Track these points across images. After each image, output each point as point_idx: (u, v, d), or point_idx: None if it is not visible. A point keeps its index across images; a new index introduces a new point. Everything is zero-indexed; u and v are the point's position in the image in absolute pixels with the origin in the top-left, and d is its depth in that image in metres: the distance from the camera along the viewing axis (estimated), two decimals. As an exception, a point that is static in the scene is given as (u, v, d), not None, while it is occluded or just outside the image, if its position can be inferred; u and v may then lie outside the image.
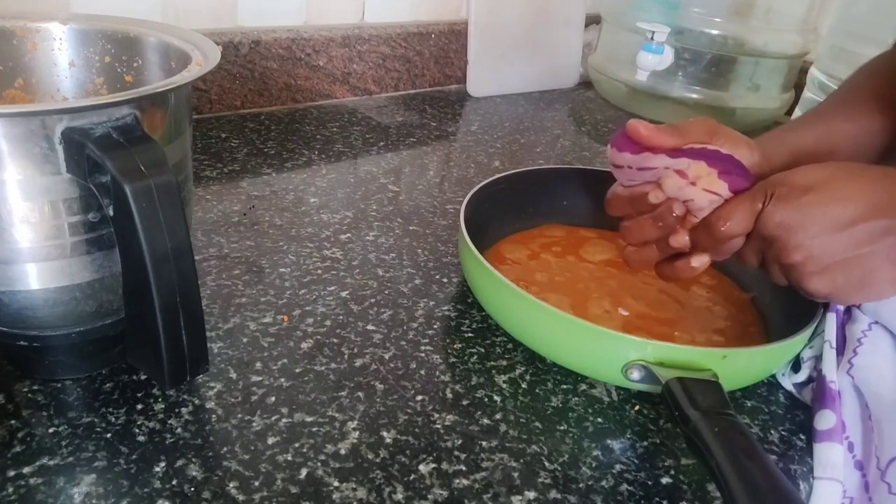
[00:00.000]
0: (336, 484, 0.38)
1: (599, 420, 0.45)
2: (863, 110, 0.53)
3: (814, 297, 0.42)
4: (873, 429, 0.43)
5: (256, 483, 0.37)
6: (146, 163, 0.32)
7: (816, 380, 0.46)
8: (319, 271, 0.56)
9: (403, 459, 0.40)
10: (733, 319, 0.55)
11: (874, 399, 0.43)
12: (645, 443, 0.43)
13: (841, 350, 0.45)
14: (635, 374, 0.44)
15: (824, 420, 0.43)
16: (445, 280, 0.57)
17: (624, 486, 0.40)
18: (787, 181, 0.40)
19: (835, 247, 0.39)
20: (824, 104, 0.56)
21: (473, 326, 0.52)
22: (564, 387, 0.47)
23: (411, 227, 0.65)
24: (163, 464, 0.37)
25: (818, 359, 0.47)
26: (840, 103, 0.55)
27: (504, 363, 0.48)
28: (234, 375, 0.44)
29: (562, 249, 0.61)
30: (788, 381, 0.49)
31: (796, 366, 0.49)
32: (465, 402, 0.44)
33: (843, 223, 0.38)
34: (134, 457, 0.38)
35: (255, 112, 0.89)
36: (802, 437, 0.46)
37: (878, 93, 0.54)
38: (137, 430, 0.39)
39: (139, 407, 0.41)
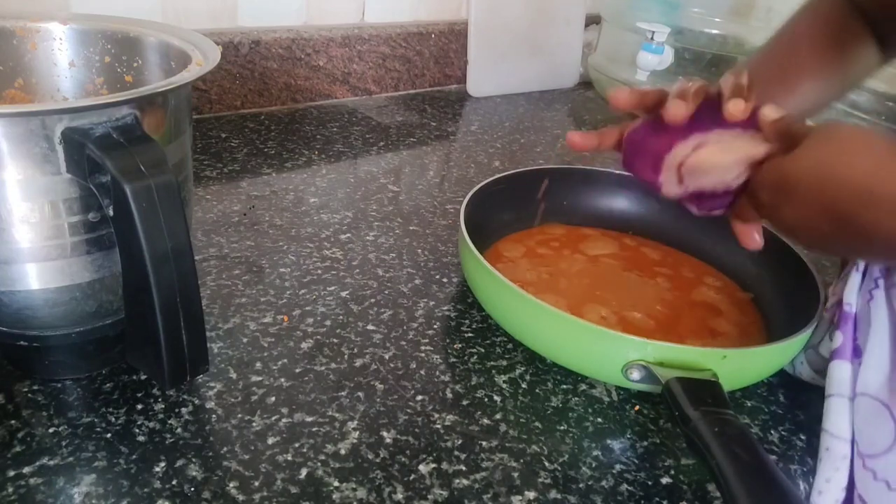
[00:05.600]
0: (336, 484, 0.38)
1: (599, 420, 0.45)
2: (803, 80, 0.54)
3: None
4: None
5: (256, 483, 0.37)
6: (146, 163, 0.32)
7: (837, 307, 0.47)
8: (319, 271, 0.56)
9: (403, 459, 0.40)
10: (734, 319, 0.55)
11: (874, 336, 0.43)
12: (645, 443, 0.43)
13: (864, 271, 0.45)
14: (635, 374, 0.44)
15: (836, 340, 0.44)
16: (445, 280, 0.57)
17: (624, 486, 0.40)
18: (762, 194, 0.40)
19: (830, 246, 0.39)
20: (769, 63, 0.56)
21: (473, 326, 0.52)
22: (564, 387, 0.47)
23: (411, 227, 0.65)
24: (163, 464, 0.37)
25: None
26: (781, 67, 0.55)
27: (504, 363, 0.48)
28: (234, 375, 0.44)
29: (560, 245, 0.61)
30: (805, 369, 0.49)
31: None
32: (465, 402, 0.44)
33: (823, 242, 0.38)
34: (134, 457, 0.38)
35: (255, 112, 0.89)
36: (802, 437, 0.46)
37: (817, 55, 0.55)
38: (137, 430, 0.39)
39: (139, 407, 0.41)
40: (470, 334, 0.51)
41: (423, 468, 0.39)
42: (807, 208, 0.37)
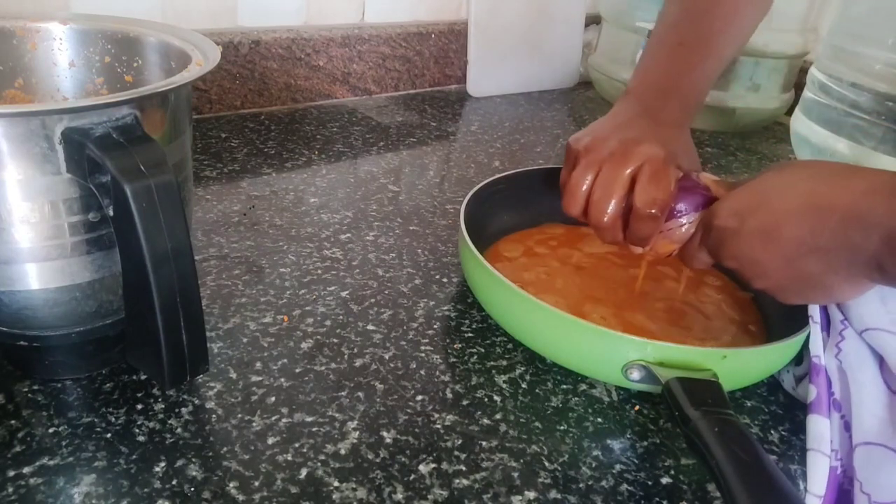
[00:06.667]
0: (336, 484, 0.38)
1: (599, 420, 0.45)
2: (720, 38, 0.55)
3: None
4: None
5: (256, 483, 0.37)
6: (146, 163, 0.32)
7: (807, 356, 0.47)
8: (319, 271, 0.56)
9: (403, 459, 0.40)
10: (734, 319, 0.55)
11: (856, 385, 0.43)
12: (645, 443, 0.43)
13: (825, 326, 0.45)
14: (635, 374, 0.44)
15: (811, 392, 0.44)
16: (445, 280, 0.57)
17: (624, 486, 0.40)
18: (718, 220, 0.42)
19: (788, 274, 0.40)
20: (684, 26, 0.56)
21: (473, 326, 0.52)
22: (564, 387, 0.47)
23: (411, 227, 0.65)
24: (163, 464, 0.37)
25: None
26: (696, 31, 0.56)
27: (504, 363, 0.48)
28: (234, 375, 0.44)
29: (559, 244, 0.61)
30: (790, 378, 0.49)
31: (799, 358, 0.49)
32: (465, 402, 0.44)
33: (784, 256, 0.39)
34: (134, 457, 0.38)
35: (255, 112, 0.89)
36: (802, 437, 0.46)
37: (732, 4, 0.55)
38: (137, 430, 0.39)
39: (139, 407, 0.41)
40: (470, 334, 0.51)
41: (423, 468, 0.39)
42: (773, 213, 0.39)
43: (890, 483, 0.40)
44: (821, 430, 0.42)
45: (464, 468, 0.40)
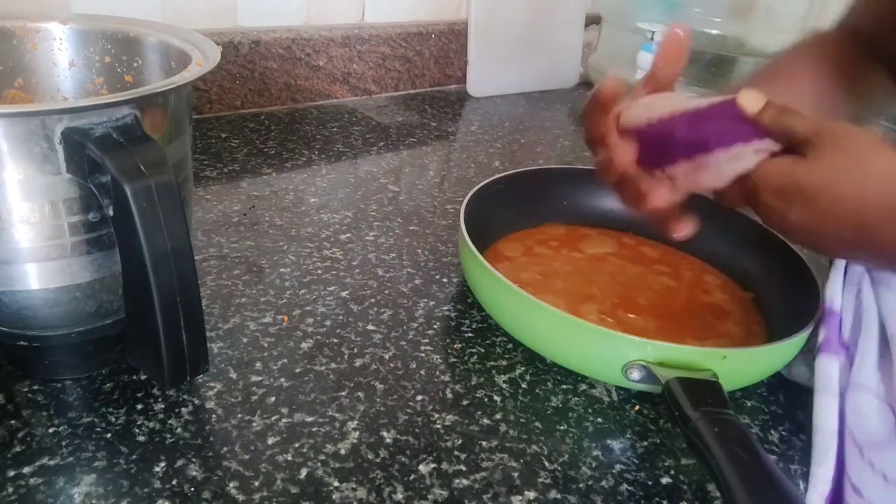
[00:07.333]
0: (336, 484, 0.38)
1: (599, 420, 0.45)
2: (800, 85, 0.52)
3: None
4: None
5: (256, 483, 0.37)
6: (146, 163, 0.32)
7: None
8: (319, 271, 0.56)
9: (403, 459, 0.40)
10: (734, 319, 0.55)
11: (867, 325, 0.43)
12: (645, 443, 0.43)
13: (844, 270, 0.45)
14: (635, 374, 0.44)
15: (821, 335, 0.45)
16: (445, 280, 0.57)
17: (624, 486, 0.40)
18: (763, 195, 0.38)
19: (829, 251, 0.40)
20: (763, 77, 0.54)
21: (473, 326, 0.52)
22: (564, 387, 0.47)
23: (411, 227, 0.65)
24: (163, 464, 0.37)
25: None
26: (776, 77, 0.54)
27: (504, 363, 0.48)
28: (234, 375, 0.44)
29: (559, 244, 0.61)
30: (802, 371, 0.49)
31: None
32: (465, 402, 0.44)
33: (826, 246, 0.39)
34: (134, 457, 0.38)
35: (255, 112, 0.89)
36: (802, 437, 0.46)
37: (812, 67, 0.54)
38: (137, 430, 0.39)
39: (139, 407, 0.41)
40: (470, 334, 0.51)
41: (423, 468, 0.39)
42: (819, 217, 0.36)
43: (874, 425, 0.40)
44: (830, 370, 0.43)
45: (464, 468, 0.40)
